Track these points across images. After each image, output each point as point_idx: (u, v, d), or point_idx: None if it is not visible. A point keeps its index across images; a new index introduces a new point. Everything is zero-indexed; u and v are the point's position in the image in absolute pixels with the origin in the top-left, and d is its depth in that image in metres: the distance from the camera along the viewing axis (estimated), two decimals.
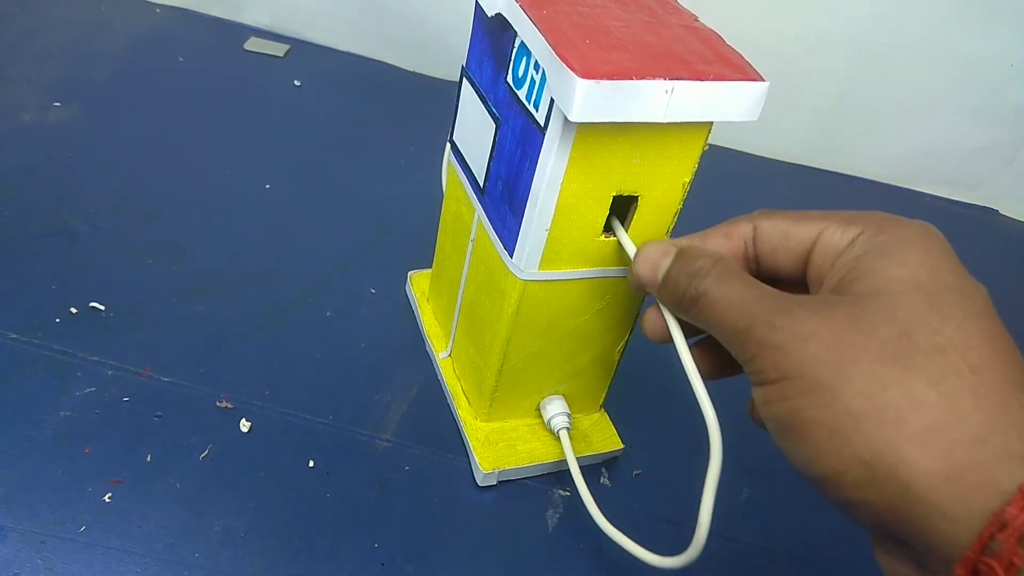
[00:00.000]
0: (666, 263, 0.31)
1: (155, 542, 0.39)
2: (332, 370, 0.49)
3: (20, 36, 0.75)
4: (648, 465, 0.48)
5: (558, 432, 0.44)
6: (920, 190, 0.83)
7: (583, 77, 0.28)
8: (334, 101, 0.75)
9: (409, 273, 0.55)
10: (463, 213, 0.44)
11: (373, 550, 0.41)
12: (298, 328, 0.51)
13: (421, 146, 0.71)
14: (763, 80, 0.31)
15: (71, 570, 0.37)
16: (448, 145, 0.46)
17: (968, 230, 0.80)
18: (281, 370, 0.48)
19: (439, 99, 0.79)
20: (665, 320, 0.33)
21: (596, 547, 0.43)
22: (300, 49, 0.81)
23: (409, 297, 0.55)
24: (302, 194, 0.63)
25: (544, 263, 0.37)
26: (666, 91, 0.30)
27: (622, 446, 0.47)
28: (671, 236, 0.38)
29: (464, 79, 0.42)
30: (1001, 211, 0.83)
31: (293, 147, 0.68)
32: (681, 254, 0.31)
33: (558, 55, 0.29)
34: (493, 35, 0.38)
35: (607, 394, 0.47)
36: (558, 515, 0.44)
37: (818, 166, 0.82)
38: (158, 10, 0.83)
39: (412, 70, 0.83)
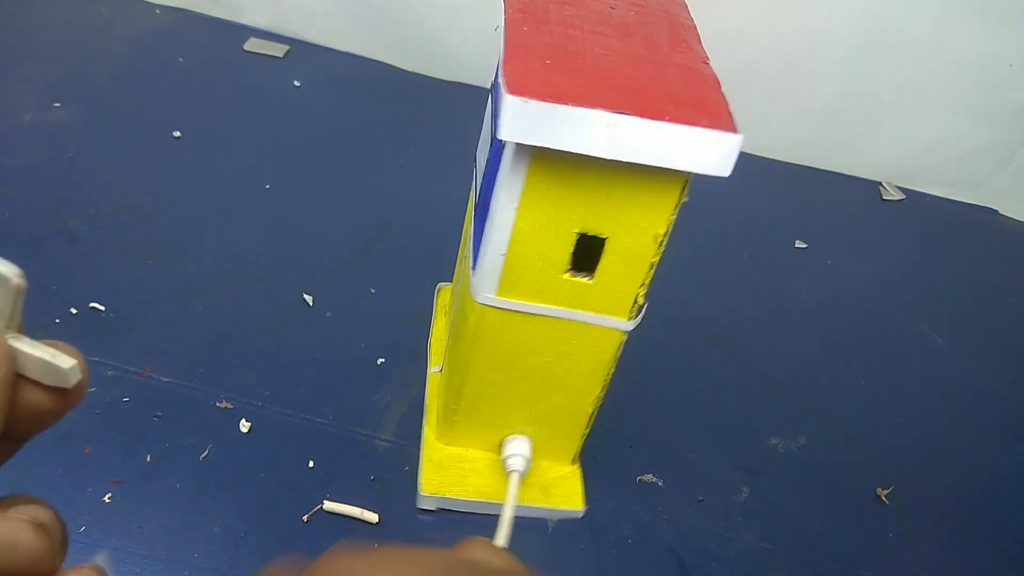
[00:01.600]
0: None
1: (155, 542, 0.39)
2: (332, 370, 0.49)
3: (21, 37, 0.75)
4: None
5: (510, 473, 0.42)
6: (919, 190, 0.83)
7: (510, 93, 0.27)
8: (334, 101, 0.75)
9: (438, 285, 0.55)
10: (468, 229, 0.44)
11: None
12: (298, 328, 0.51)
13: (421, 146, 0.71)
14: (735, 132, 0.28)
15: None
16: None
17: (967, 230, 0.80)
18: (281, 370, 0.48)
19: (439, 100, 0.80)
20: None
21: None
22: (300, 50, 0.81)
23: (433, 309, 0.54)
24: (302, 194, 0.63)
25: (502, 290, 0.35)
26: (607, 124, 0.28)
27: (582, 507, 0.44)
28: (645, 290, 0.35)
29: (489, 96, 0.41)
30: (1000, 211, 0.83)
31: (293, 147, 0.68)
32: None
33: (501, 69, 0.28)
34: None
35: (582, 448, 0.44)
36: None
37: (818, 166, 0.82)
38: (158, 11, 0.83)
39: (412, 70, 0.83)
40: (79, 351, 0.20)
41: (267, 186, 0.63)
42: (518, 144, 0.29)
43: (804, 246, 0.71)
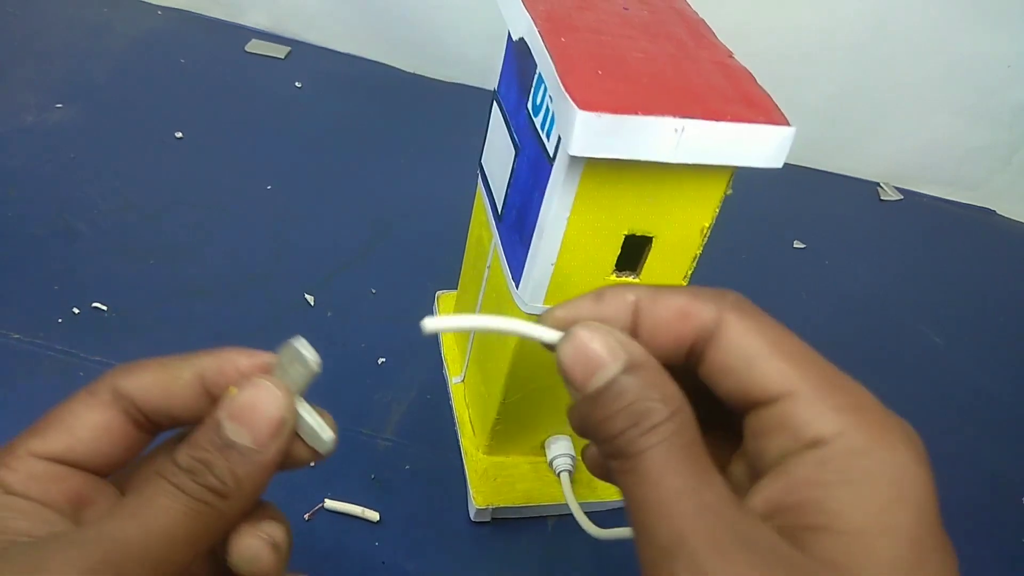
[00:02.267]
0: (610, 372, 0.21)
1: None
2: (333, 370, 0.49)
3: (22, 37, 0.75)
4: None
5: (559, 474, 0.42)
6: (918, 190, 0.83)
7: (582, 108, 0.27)
8: (334, 102, 0.76)
9: (437, 293, 0.55)
10: (483, 238, 0.43)
11: (374, 548, 0.41)
12: (298, 328, 0.51)
13: (421, 147, 0.71)
14: (788, 124, 0.29)
15: None
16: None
17: (966, 230, 0.80)
18: None
19: (438, 100, 0.80)
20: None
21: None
22: (301, 51, 0.82)
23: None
24: (302, 195, 0.63)
25: (549, 298, 0.35)
26: (675, 130, 0.28)
27: None
28: (687, 283, 0.35)
29: (494, 102, 0.41)
30: (999, 211, 0.84)
31: (294, 148, 0.68)
32: (633, 372, 0.21)
33: (562, 84, 0.28)
34: (519, 60, 0.37)
35: None
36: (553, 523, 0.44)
37: (818, 166, 0.82)
38: (159, 12, 0.83)
39: (412, 71, 0.83)
40: (335, 423, 0.25)
41: (268, 186, 0.63)
42: (572, 155, 0.29)
43: (802, 246, 0.71)
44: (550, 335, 0.23)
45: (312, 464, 0.25)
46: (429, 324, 0.23)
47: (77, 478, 0.23)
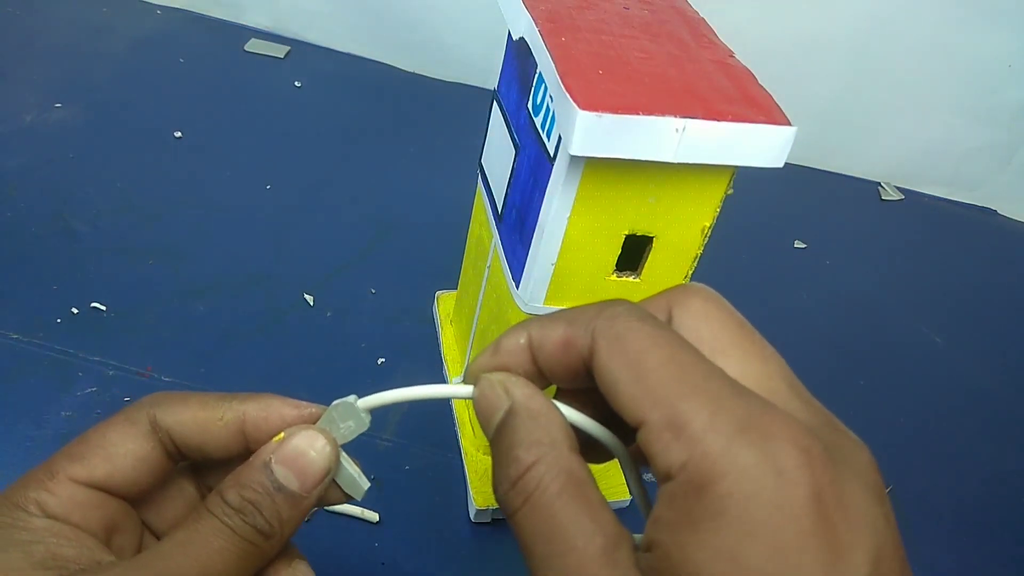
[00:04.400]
0: (497, 420, 0.22)
1: None
2: (332, 369, 0.49)
3: (21, 37, 0.75)
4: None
5: None
6: (919, 190, 0.83)
7: (584, 109, 0.27)
8: (334, 102, 0.76)
9: (436, 293, 0.55)
10: (484, 238, 0.43)
11: (373, 549, 0.41)
12: (299, 327, 0.52)
13: (421, 146, 0.71)
14: (790, 124, 0.29)
15: None
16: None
17: (967, 230, 0.80)
18: (282, 370, 0.48)
19: (439, 100, 0.80)
20: None
21: None
22: (300, 50, 0.82)
23: (434, 317, 0.54)
24: (302, 194, 0.63)
25: (550, 298, 0.35)
26: (676, 129, 0.28)
27: (631, 497, 0.44)
28: (688, 281, 0.35)
29: (494, 101, 0.41)
30: (999, 211, 0.84)
31: (293, 148, 0.68)
32: (514, 415, 0.21)
33: (563, 84, 0.28)
34: (520, 59, 0.36)
35: None
36: None
37: (818, 166, 0.82)
38: (159, 11, 0.83)
39: (411, 71, 0.83)
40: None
41: (268, 186, 0.63)
42: (573, 155, 0.28)
43: (803, 246, 0.71)
44: (465, 391, 0.24)
45: (343, 502, 0.27)
46: (362, 403, 0.26)
47: (112, 504, 0.24)
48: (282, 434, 0.25)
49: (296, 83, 0.77)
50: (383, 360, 0.51)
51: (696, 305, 0.22)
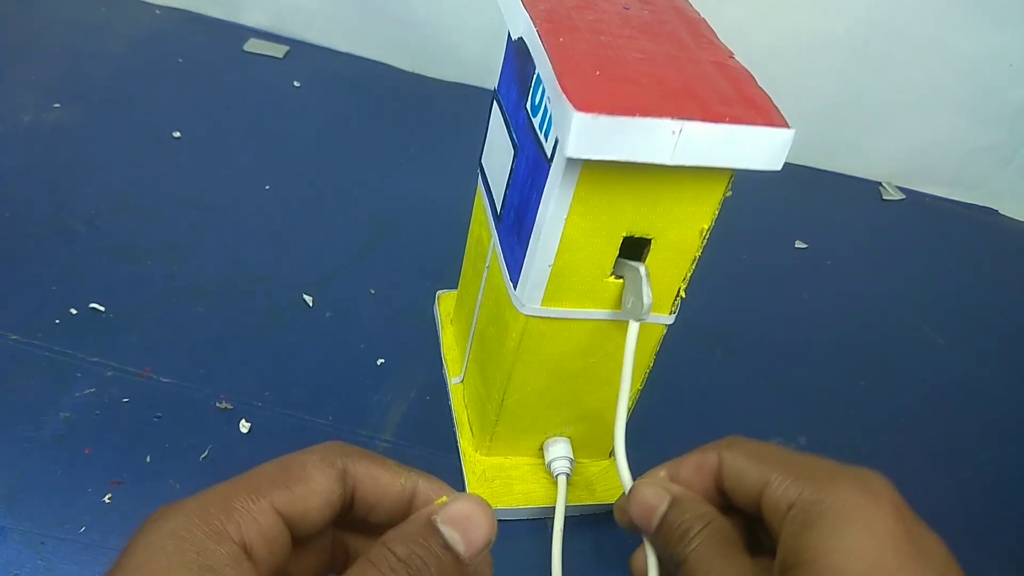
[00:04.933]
0: (661, 511, 0.30)
1: None
2: (332, 370, 0.49)
3: (20, 37, 0.75)
4: None
5: (557, 476, 0.42)
6: (920, 190, 0.83)
7: (579, 110, 0.26)
8: (333, 102, 0.75)
9: (437, 293, 0.54)
10: (483, 238, 0.43)
11: None
12: (298, 328, 0.51)
13: (421, 146, 0.71)
14: (788, 127, 0.29)
15: (71, 570, 0.37)
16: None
17: (967, 230, 0.80)
18: (281, 371, 0.48)
19: (438, 100, 0.80)
20: (648, 562, 0.32)
21: None
22: (299, 50, 0.81)
23: (435, 317, 0.54)
24: (302, 195, 0.63)
25: (547, 299, 0.35)
26: (673, 131, 0.27)
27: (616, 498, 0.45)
28: (686, 284, 0.36)
29: (494, 101, 0.41)
30: (1000, 211, 0.83)
31: (293, 148, 0.68)
32: (675, 505, 0.30)
33: (560, 84, 0.28)
34: (519, 59, 0.36)
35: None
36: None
37: (818, 166, 0.82)
38: (158, 11, 0.83)
39: (411, 71, 0.83)
40: None
41: (267, 186, 0.63)
42: (569, 156, 0.28)
43: (804, 246, 0.71)
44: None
45: None
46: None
47: (286, 543, 0.23)
48: (444, 497, 0.25)
49: (295, 83, 0.77)
50: (383, 360, 0.51)
51: (855, 507, 0.27)
